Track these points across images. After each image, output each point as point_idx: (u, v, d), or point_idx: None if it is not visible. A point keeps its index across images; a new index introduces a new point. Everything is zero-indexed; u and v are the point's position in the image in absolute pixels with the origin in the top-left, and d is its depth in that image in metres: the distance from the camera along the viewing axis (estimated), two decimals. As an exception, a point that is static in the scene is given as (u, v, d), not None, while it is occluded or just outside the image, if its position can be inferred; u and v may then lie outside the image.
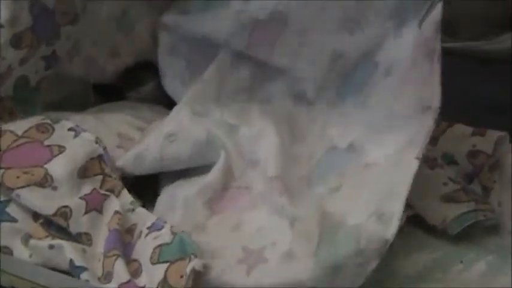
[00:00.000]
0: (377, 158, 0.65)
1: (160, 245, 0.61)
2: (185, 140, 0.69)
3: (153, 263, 0.60)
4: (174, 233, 0.61)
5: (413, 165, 0.61)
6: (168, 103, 0.80)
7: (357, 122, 0.69)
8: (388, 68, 0.68)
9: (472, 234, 0.66)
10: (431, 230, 0.66)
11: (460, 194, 0.68)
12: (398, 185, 0.61)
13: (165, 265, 0.59)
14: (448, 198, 0.67)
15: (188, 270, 0.58)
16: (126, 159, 0.70)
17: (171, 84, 0.80)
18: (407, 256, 0.65)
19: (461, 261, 0.64)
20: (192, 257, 0.58)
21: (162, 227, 0.62)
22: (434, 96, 0.63)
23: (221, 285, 0.59)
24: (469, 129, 0.74)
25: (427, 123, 0.63)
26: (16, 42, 0.69)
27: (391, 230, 0.59)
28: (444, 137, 0.74)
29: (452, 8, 0.86)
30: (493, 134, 0.73)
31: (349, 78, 0.71)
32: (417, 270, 0.64)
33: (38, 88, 0.74)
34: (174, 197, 0.67)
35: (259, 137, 0.69)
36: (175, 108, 0.75)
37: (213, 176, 0.67)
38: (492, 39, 0.89)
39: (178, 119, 0.72)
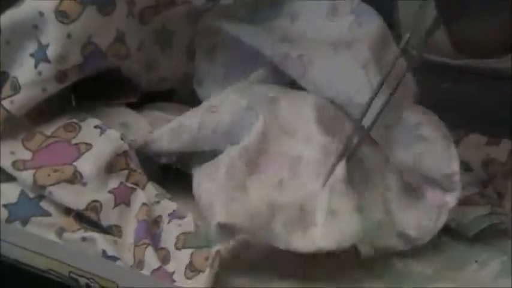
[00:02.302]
0: None
1: (184, 233, 0.63)
2: (226, 109, 0.70)
3: (178, 249, 0.62)
4: (196, 224, 0.64)
5: None
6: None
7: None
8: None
9: (486, 236, 0.68)
10: (447, 232, 0.68)
11: (477, 197, 0.70)
12: None
13: (191, 250, 0.62)
14: (465, 202, 0.69)
15: (213, 252, 0.60)
16: (161, 132, 0.71)
17: (208, 90, 0.79)
18: (423, 256, 0.67)
19: (476, 261, 0.66)
20: (218, 244, 0.61)
21: (184, 216, 0.65)
22: None
23: (282, 240, 0.62)
24: (484, 139, 0.76)
25: None
26: (61, 77, 0.70)
27: None
28: (460, 146, 0.75)
29: (463, 29, 0.89)
30: (507, 143, 0.75)
31: None
32: (433, 269, 0.66)
33: (68, 87, 0.74)
34: (217, 161, 0.68)
35: (298, 110, 0.70)
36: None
37: (250, 139, 0.68)
38: (500, 58, 0.91)
39: (222, 95, 0.72)
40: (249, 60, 0.77)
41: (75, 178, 0.66)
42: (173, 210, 0.66)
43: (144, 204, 0.66)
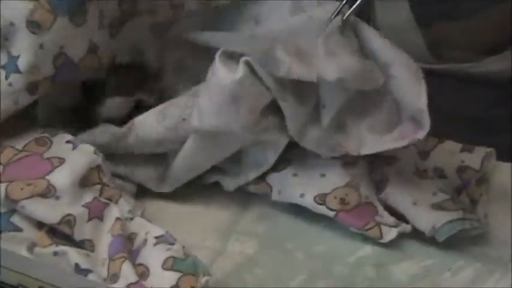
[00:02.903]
0: None
1: (173, 257, 0.63)
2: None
3: (166, 269, 0.62)
4: (185, 253, 0.64)
5: None
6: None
7: None
8: None
9: (459, 243, 0.68)
10: (421, 239, 0.68)
11: (450, 203, 0.70)
12: None
13: (179, 273, 0.61)
14: (437, 207, 0.69)
15: (202, 281, 0.61)
16: (148, 113, 0.71)
17: None
18: (398, 264, 0.67)
19: (449, 269, 0.66)
20: (205, 273, 0.61)
21: (173, 243, 0.64)
22: None
23: (285, 66, 0.65)
24: (458, 146, 0.76)
25: None
26: (32, 89, 0.69)
27: None
28: (435, 152, 0.76)
29: (439, 33, 0.90)
30: (481, 151, 0.76)
31: None
32: (408, 277, 0.66)
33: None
34: None
35: None
36: None
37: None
38: (476, 62, 0.92)
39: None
40: None
41: (49, 192, 0.66)
42: (161, 235, 0.65)
43: (118, 218, 0.66)
